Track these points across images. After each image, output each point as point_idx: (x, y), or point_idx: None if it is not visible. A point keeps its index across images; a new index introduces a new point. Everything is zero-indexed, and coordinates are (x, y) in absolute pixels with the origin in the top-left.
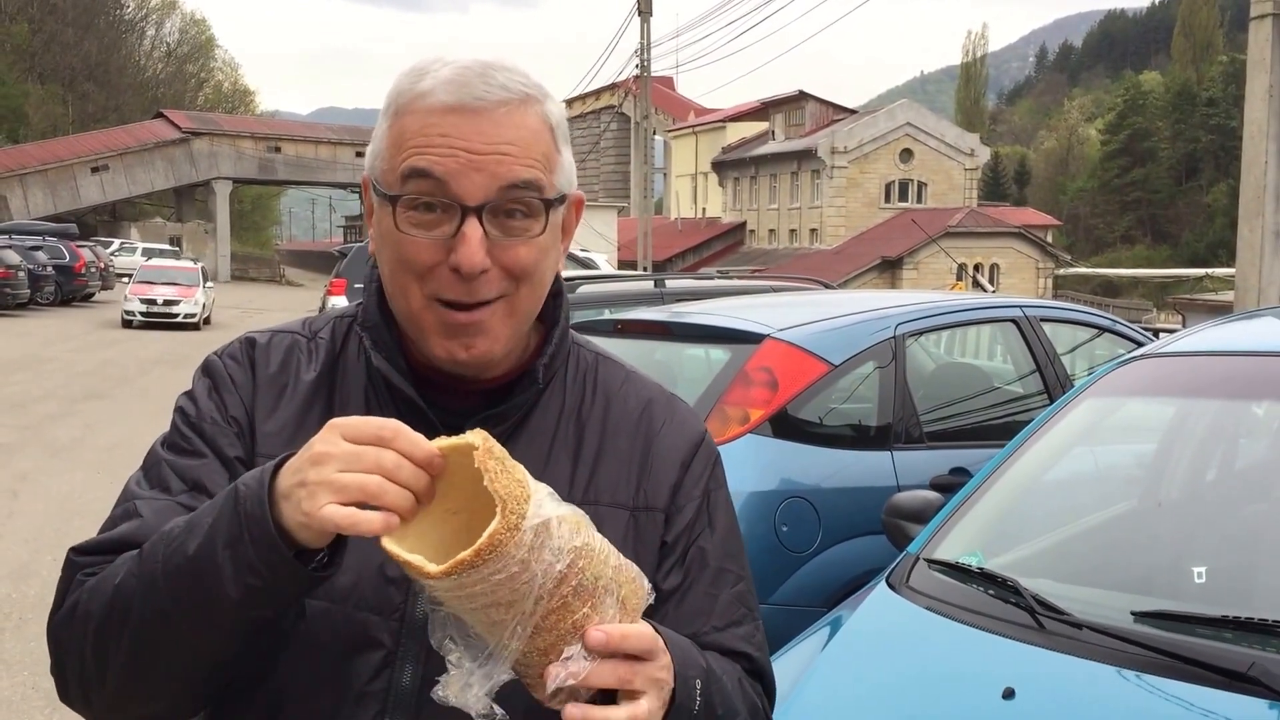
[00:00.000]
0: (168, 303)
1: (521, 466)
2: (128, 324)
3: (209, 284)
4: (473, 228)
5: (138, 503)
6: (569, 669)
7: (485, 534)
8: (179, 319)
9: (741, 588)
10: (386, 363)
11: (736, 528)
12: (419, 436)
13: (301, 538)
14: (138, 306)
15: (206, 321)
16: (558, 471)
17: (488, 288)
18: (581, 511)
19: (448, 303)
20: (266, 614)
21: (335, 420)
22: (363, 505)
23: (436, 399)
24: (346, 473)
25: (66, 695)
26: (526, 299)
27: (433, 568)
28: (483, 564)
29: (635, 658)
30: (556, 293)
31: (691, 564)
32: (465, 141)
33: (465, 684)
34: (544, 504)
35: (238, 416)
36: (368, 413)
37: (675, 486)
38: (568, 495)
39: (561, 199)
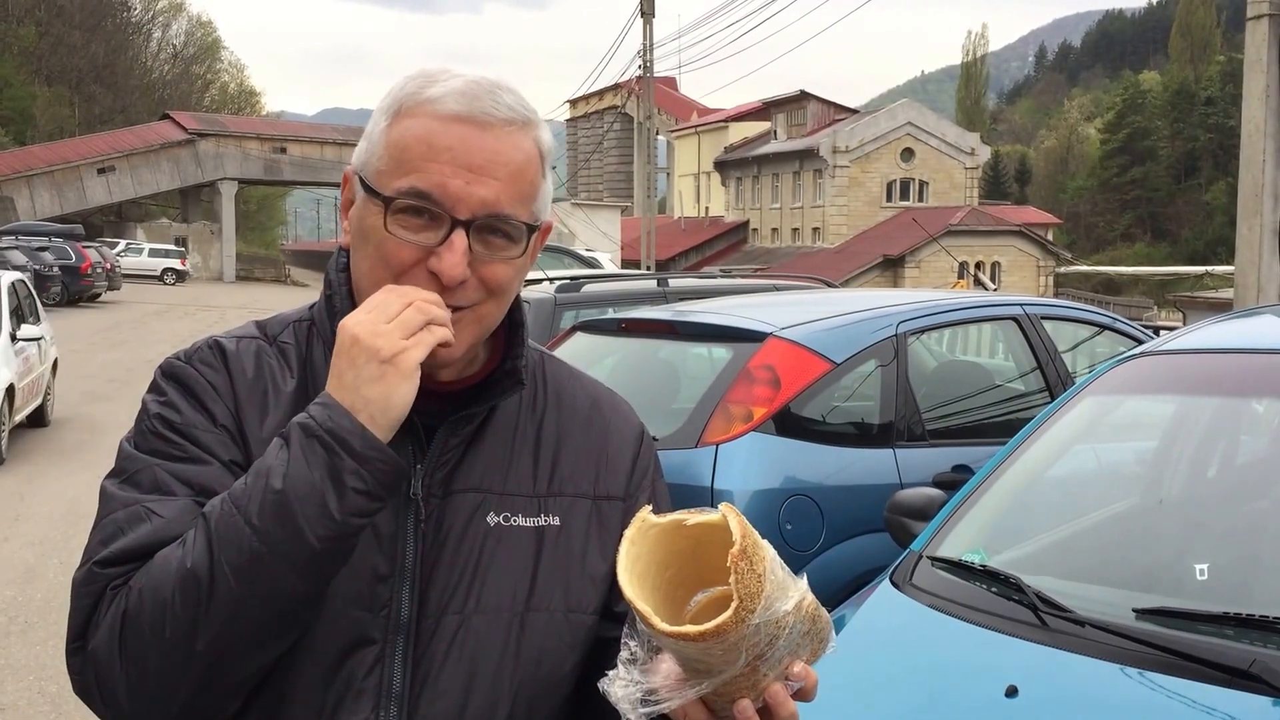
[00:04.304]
0: None
1: (768, 549)
2: None
3: (36, 330)
4: (459, 239)
5: (149, 505)
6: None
7: (714, 622)
8: None
9: None
10: None
11: None
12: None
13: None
14: None
15: (37, 422)
16: (521, 465)
17: (462, 296)
18: (804, 584)
19: None
20: (354, 542)
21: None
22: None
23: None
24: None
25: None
26: (493, 312)
27: (659, 622)
28: (703, 641)
29: None
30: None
31: None
32: (469, 156)
33: (631, 688)
34: (773, 602)
35: (227, 425)
36: None
37: (629, 475)
38: (533, 487)
39: (539, 225)
